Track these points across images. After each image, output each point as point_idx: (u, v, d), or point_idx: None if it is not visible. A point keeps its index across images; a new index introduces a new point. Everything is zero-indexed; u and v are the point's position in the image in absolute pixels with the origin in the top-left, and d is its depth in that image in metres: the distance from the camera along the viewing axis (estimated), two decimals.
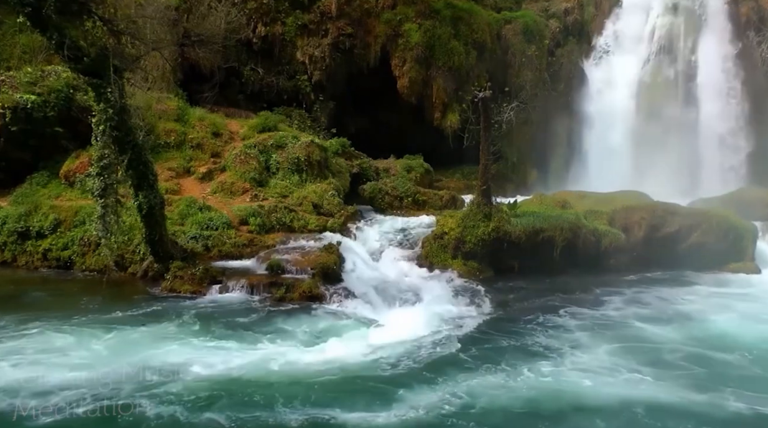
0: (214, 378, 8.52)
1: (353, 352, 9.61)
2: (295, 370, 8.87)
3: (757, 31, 24.77)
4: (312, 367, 9.00)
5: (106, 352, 9.39)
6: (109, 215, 12.20)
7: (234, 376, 8.61)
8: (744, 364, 9.60)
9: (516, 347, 10.13)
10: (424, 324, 11.02)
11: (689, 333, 10.99)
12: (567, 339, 10.51)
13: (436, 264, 14.68)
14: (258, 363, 9.06)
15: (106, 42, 11.77)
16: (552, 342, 10.31)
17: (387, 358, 9.41)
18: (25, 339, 9.83)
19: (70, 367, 8.67)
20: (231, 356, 9.30)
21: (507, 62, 25.79)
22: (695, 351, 10.01)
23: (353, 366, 9.14)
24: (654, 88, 25.01)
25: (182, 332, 10.36)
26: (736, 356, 9.86)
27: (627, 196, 17.83)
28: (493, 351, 9.90)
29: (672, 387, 8.59)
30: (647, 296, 13.40)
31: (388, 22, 23.76)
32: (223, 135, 19.23)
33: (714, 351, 10.04)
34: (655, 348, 10.18)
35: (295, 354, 9.47)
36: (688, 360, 9.64)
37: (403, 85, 23.69)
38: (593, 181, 22.35)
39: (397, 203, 19.08)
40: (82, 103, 16.34)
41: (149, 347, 9.58)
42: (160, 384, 8.22)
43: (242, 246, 14.68)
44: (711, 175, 23.34)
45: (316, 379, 8.60)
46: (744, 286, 14.48)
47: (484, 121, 15.09)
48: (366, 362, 9.30)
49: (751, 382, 8.86)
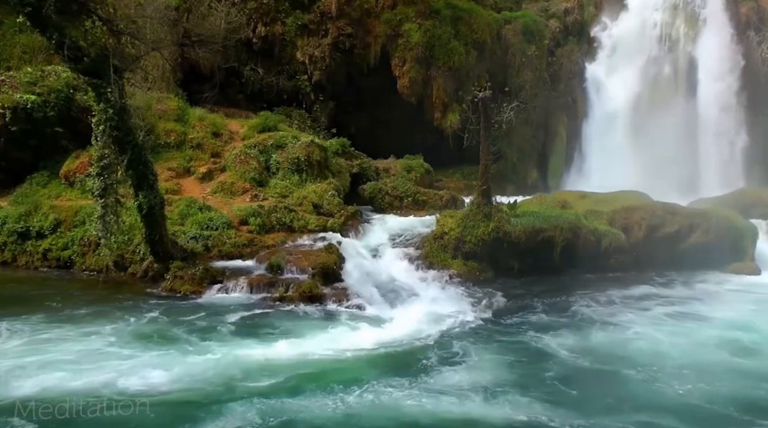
0: (213, 377, 8.52)
1: (353, 352, 9.61)
2: (295, 370, 8.86)
3: (757, 31, 24.80)
4: (312, 367, 9.00)
5: (103, 352, 9.37)
6: (109, 215, 12.19)
7: (234, 376, 8.60)
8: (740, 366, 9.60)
9: (515, 347, 10.11)
10: (424, 324, 11.03)
11: (689, 334, 10.99)
12: (566, 340, 10.50)
13: (436, 264, 14.68)
14: (258, 363, 9.05)
15: (106, 42, 11.76)
16: (551, 343, 10.30)
17: (386, 358, 9.42)
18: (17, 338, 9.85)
19: (64, 367, 8.69)
20: (231, 356, 9.29)
21: (507, 62, 25.80)
22: (693, 354, 10.02)
23: (353, 365, 9.14)
24: (654, 88, 25.03)
25: (182, 332, 10.35)
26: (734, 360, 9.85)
27: (627, 196, 17.83)
28: (491, 351, 9.89)
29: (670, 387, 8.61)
30: (647, 296, 13.38)
31: (388, 22, 23.77)
32: (223, 135, 19.23)
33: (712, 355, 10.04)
34: (652, 348, 10.18)
35: (295, 353, 9.46)
36: (685, 363, 9.65)
37: (403, 85, 23.70)
38: (593, 181, 22.38)
39: (397, 203, 19.09)
40: (82, 103, 16.35)
41: (149, 347, 9.57)
42: (160, 384, 8.22)
43: (242, 246, 14.69)
44: (711, 175, 23.35)
45: (316, 379, 8.60)
46: (744, 287, 14.46)
47: (484, 121, 15.10)
48: (366, 361, 9.30)
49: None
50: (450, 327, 11.03)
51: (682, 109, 24.47)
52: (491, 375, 8.83)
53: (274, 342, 9.97)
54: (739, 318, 11.95)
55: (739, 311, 12.41)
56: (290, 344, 9.87)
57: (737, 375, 9.15)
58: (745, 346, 10.30)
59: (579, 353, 9.84)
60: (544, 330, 10.94)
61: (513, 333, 10.83)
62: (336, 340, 10.14)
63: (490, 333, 10.80)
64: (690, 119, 24.21)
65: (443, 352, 9.76)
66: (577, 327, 11.22)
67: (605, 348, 10.10)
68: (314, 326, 10.88)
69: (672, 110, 24.50)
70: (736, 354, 9.98)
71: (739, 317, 12.01)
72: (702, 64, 24.44)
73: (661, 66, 25.19)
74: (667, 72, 25.11)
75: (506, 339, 10.52)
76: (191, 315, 11.15)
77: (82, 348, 9.45)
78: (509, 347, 10.12)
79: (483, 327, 11.15)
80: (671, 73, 25.08)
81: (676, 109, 24.51)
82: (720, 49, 24.52)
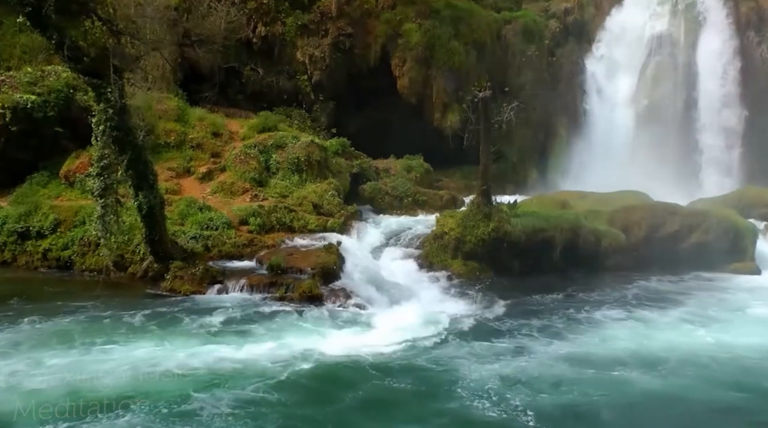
0: (212, 376, 8.52)
1: (353, 352, 9.62)
2: (294, 369, 8.87)
3: (757, 31, 24.75)
4: (311, 366, 9.01)
5: (100, 352, 9.37)
6: (108, 215, 12.20)
7: (234, 375, 8.61)
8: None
9: (513, 347, 10.12)
10: (423, 324, 11.05)
11: (689, 334, 10.98)
12: (566, 340, 10.50)
13: (435, 264, 14.68)
14: (258, 363, 9.06)
15: (106, 42, 11.76)
16: (551, 343, 10.31)
17: (386, 357, 9.42)
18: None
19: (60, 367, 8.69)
20: (231, 356, 9.30)
21: (507, 62, 25.76)
22: (693, 354, 10.02)
23: (353, 365, 9.15)
24: (654, 88, 24.99)
25: (182, 332, 10.36)
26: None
27: (627, 196, 17.82)
28: (490, 351, 9.90)
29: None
30: (647, 296, 13.37)
31: (388, 22, 23.76)
32: (223, 135, 19.24)
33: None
34: (652, 349, 10.17)
35: (295, 353, 9.47)
36: (685, 364, 9.63)
37: (403, 85, 23.68)
38: (593, 181, 22.31)
39: (397, 203, 19.08)
40: (82, 103, 16.34)
41: (148, 347, 9.57)
42: (158, 384, 8.22)
43: (242, 246, 14.69)
44: (711, 175, 23.33)
45: (315, 378, 8.61)
46: (744, 287, 14.45)
47: (484, 121, 15.09)
48: (365, 361, 9.30)
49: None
50: (449, 327, 11.04)
51: (681, 108, 24.45)
52: (491, 376, 8.83)
53: (273, 341, 9.98)
54: (739, 318, 11.96)
55: (740, 311, 12.41)
56: (290, 344, 9.88)
57: (737, 376, 9.17)
58: (745, 346, 10.30)
59: (579, 353, 9.85)
60: (544, 331, 10.95)
61: (513, 333, 10.83)
62: (335, 340, 10.15)
63: (490, 334, 10.80)
64: (690, 119, 24.19)
65: (443, 352, 9.77)
66: (577, 327, 11.22)
67: (605, 349, 10.12)
68: (314, 326, 10.88)
69: (672, 110, 24.48)
70: (736, 354, 9.97)
71: (740, 317, 12.02)
72: (702, 63, 24.41)
73: (661, 66, 25.17)
74: (667, 72, 25.08)
75: (506, 339, 10.52)
76: (191, 316, 11.15)
77: (81, 349, 9.46)
78: (509, 347, 10.12)
79: (483, 328, 11.15)
80: (671, 73, 25.04)
81: (676, 109, 24.50)
82: (720, 48, 24.50)
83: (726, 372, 9.24)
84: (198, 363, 9.02)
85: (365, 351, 9.64)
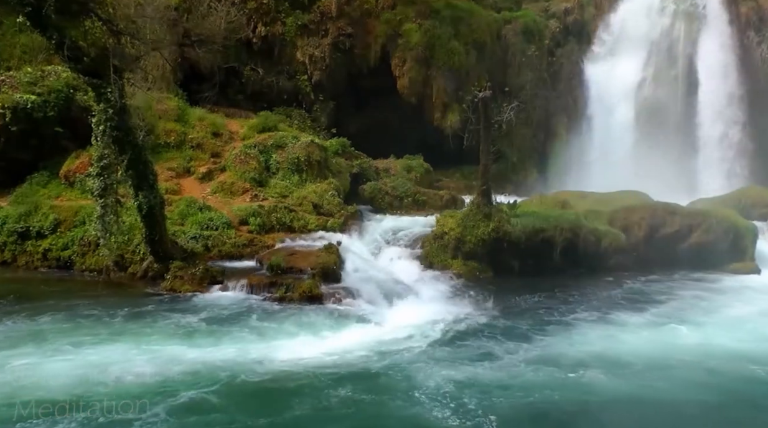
0: (212, 375, 8.52)
1: (353, 351, 9.61)
2: (294, 369, 8.87)
3: (757, 31, 24.74)
4: (311, 366, 9.00)
5: (67, 352, 9.31)
6: (108, 215, 12.20)
7: (233, 375, 8.60)
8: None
9: (513, 347, 10.10)
10: (423, 324, 11.03)
11: (689, 334, 10.98)
12: (566, 340, 10.50)
13: (435, 264, 14.68)
14: (258, 362, 9.05)
15: (106, 42, 11.77)
16: (551, 343, 10.30)
17: (386, 357, 9.41)
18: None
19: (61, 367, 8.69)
20: (231, 355, 9.29)
21: (507, 62, 25.78)
22: (693, 353, 10.02)
23: (352, 364, 9.14)
24: (654, 88, 25.00)
25: (182, 332, 10.35)
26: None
27: (627, 196, 17.82)
28: (490, 351, 9.89)
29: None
30: (647, 297, 13.36)
31: (388, 22, 23.77)
32: (223, 135, 19.24)
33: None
34: (650, 350, 10.17)
35: (295, 353, 9.47)
36: (685, 364, 9.64)
37: (403, 84, 23.70)
38: (593, 181, 22.31)
39: (397, 203, 19.07)
40: (82, 103, 16.34)
41: (120, 348, 9.50)
42: (157, 383, 8.22)
43: (242, 246, 14.70)
44: (711, 175, 23.33)
45: (315, 378, 8.60)
46: (744, 287, 14.44)
47: (484, 121, 15.09)
48: (365, 361, 9.30)
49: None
50: (449, 327, 11.03)
51: (681, 108, 24.46)
52: (491, 377, 8.82)
53: (274, 341, 9.98)
54: (739, 318, 11.96)
55: (739, 311, 12.40)
56: (290, 344, 9.88)
57: (737, 375, 9.16)
58: (744, 346, 10.30)
59: (578, 354, 9.84)
60: (544, 331, 10.94)
61: (513, 334, 10.81)
62: (335, 340, 10.14)
63: (490, 334, 10.77)
64: (690, 119, 24.20)
65: (442, 352, 9.76)
66: (577, 327, 11.21)
67: (606, 349, 10.09)
68: (314, 326, 10.86)
69: (672, 110, 24.49)
70: (735, 353, 9.97)
71: (739, 317, 12.01)
72: (702, 63, 24.41)
73: (661, 66, 25.18)
74: (667, 72, 25.09)
75: (506, 339, 10.49)
76: (191, 316, 11.14)
77: (79, 349, 9.45)
78: (509, 348, 10.11)
79: (483, 328, 11.13)
80: (671, 73, 25.05)
81: (676, 109, 24.50)
82: (720, 48, 24.50)
83: (725, 371, 9.21)
84: (163, 365, 8.65)
85: (364, 351, 9.63)
